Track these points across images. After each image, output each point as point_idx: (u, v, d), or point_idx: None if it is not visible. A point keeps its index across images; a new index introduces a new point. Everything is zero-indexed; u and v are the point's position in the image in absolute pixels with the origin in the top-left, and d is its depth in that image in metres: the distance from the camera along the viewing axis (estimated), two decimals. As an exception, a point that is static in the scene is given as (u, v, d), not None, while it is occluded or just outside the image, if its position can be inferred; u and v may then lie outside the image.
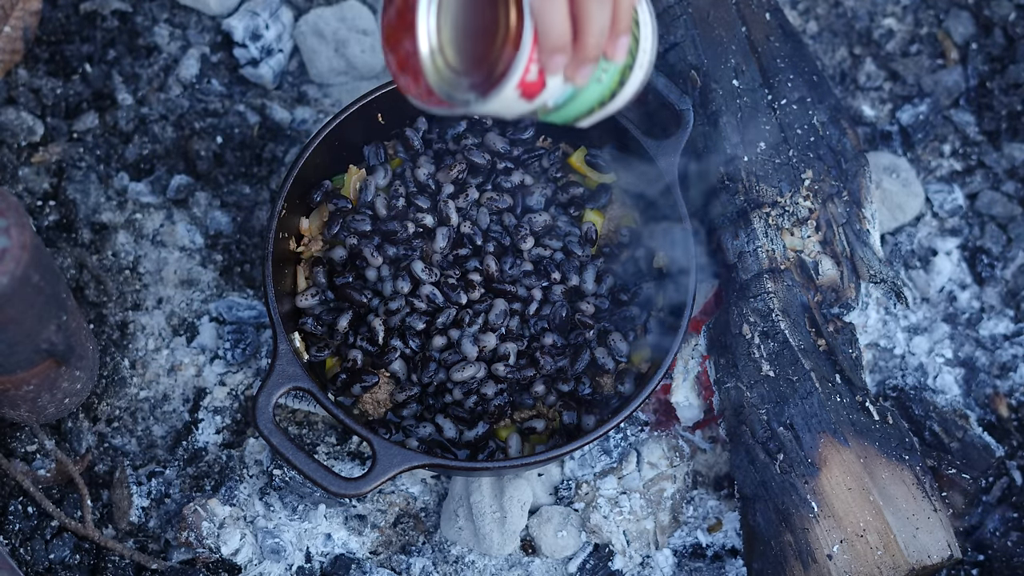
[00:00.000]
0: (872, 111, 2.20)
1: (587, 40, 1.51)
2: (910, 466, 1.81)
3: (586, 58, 1.52)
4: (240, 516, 1.90)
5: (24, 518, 1.90)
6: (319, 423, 1.97)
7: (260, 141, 2.13)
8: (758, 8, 1.95)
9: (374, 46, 2.16)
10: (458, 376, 1.81)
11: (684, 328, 1.80)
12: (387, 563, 1.92)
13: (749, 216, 1.88)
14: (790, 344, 1.84)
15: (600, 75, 1.57)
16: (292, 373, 1.74)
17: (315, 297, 1.87)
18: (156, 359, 2.01)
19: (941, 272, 2.11)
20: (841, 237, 1.90)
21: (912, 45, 2.25)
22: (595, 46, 1.52)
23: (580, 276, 1.87)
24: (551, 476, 1.95)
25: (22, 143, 2.09)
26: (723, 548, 1.95)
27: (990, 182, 2.18)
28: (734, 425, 1.86)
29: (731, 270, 1.90)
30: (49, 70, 2.14)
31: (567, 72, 1.54)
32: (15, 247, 1.49)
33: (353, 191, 1.91)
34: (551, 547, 1.91)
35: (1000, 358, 2.07)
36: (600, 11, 1.50)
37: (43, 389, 1.79)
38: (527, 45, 1.50)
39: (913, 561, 1.75)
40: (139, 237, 2.07)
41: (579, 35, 1.51)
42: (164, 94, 2.15)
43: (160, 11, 2.19)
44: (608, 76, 1.59)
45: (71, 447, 1.95)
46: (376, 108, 1.90)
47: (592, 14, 1.50)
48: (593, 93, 1.59)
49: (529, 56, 1.50)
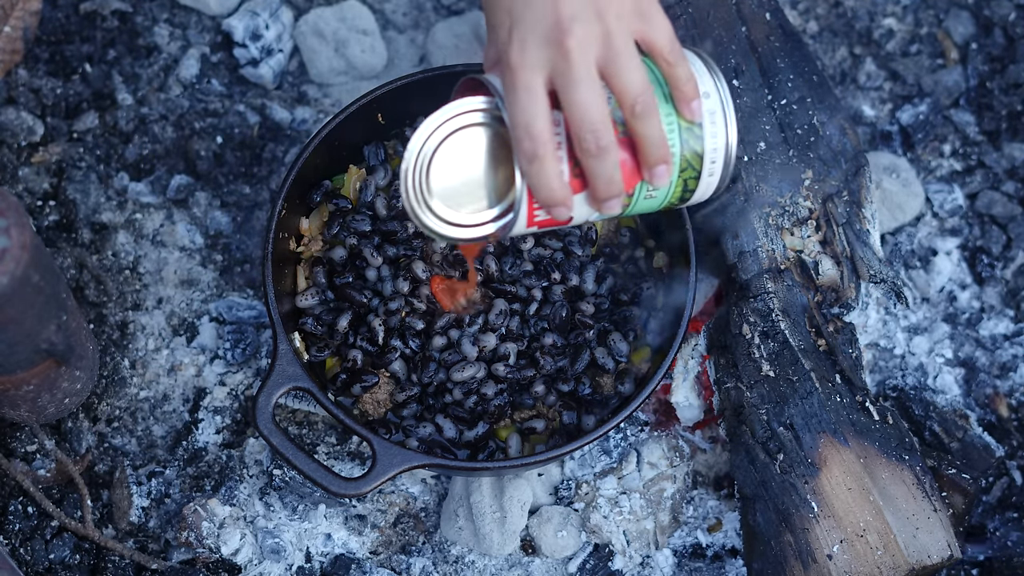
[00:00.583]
0: (872, 111, 2.20)
1: (596, 190, 1.49)
2: (910, 466, 1.81)
3: (603, 201, 1.50)
4: (240, 516, 1.90)
5: (24, 518, 1.90)
6: (319, 423, 1.97)
7: (260, 141, 2.13)
8: (758, 8, 1.95)
9: (374, 46, 2.16)
10: (458, 376, 1.81)
11: (684, 328, 1.80)
12: (387, 563, 1.92)
13: (749, 216, 1.88)
14: (790, 344, 1.84)
15: (649, 192, 1.55)
16: (292, 373, 1.74)
17: (315, 297, 1.87)
18: (156, 359, 2.01)
19: (941, 272, 2.11)
20: (841, 237, 1.90)
21: (912, 45, 2.25)
22: (607, 192, 1.49)
23: (580, 276, 1.87)
24: (551, 476, 1.95)
25: (22, 143, 2.09)
26: (723, 548, 1.95)
27: (990, 182, 2.18)
28: (734, 425, 1.86)
29: (731, 270, 1.90)
30: (49, 70, 2.14)
31: (592, 206, 1.52)
32: (15, 247, 1.49)
33: (353, 191, 1.91)
34: (551, 547, 1.91)
35: (1000, 358, 2.07)
36: (600, 164, 1.47)
37: (43, 389, 1.79)
38: (523, 199, 1.51)
39: (913, 561, 1.75)
40: (139, 237, 2.07)
41: (588, 185, 1.49)
42: (164, 94, 2.15)
43: (160, 11, 2.19)
44: (661, 192, 1.56)
45: (71, 447, 1.95)
46: (376, 108, 1.90)
47: (592, 168, 1.48)
48: (648, 205, 1.58)
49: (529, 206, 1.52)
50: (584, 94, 1.44)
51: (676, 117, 1.53)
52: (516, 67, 1.45)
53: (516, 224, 1.54)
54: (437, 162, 1.55)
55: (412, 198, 1.56)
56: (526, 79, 1.44)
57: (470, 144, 1.55)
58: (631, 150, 1.51)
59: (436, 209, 1.56)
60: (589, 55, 1.44)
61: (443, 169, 1.55)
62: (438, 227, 1.57)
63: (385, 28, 2.22)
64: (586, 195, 1.52)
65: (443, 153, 1.55)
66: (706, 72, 1.57)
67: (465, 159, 1.55)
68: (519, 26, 1.45)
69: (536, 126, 1.44)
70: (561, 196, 1.48)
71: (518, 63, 1.44)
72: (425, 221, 1.57)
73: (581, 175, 1.51)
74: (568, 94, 1.44)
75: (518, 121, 1.45)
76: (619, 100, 1.47)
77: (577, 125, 1.45)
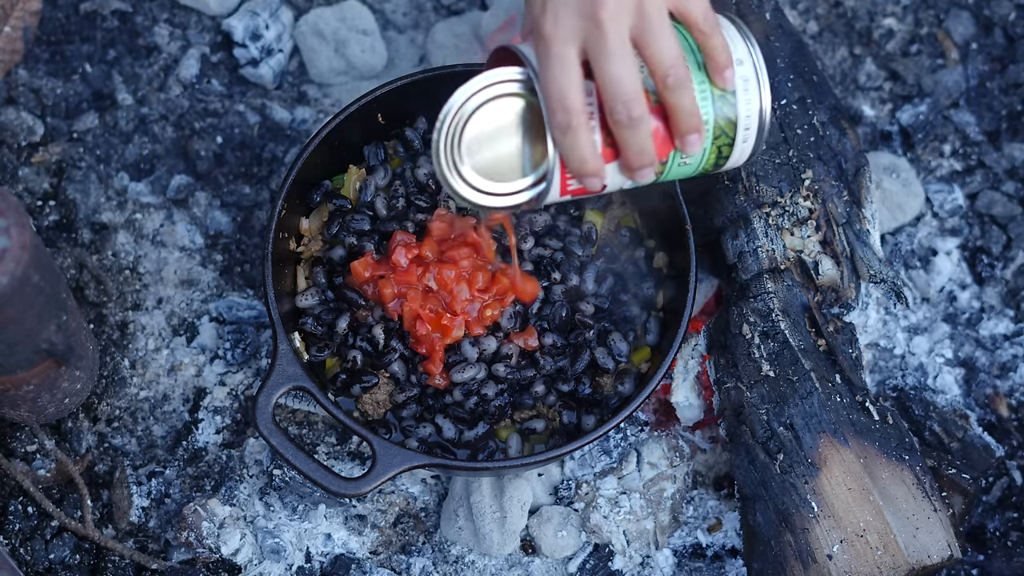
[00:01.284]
0: (872, 111, 2.20)
1: (628, 159, 1.50)
2: (910, 466, 1.81)
3: (635, 170, 1.51)
4: (240, 516, 1.90)
5: (24, 518, 1.90)
6: (319, 423, 1.97)
7: (260, 141, 2.13)
8: (758, 8, 1.95)
9: (374, 46, 2.16)
10: (458, 377, 1.81)
11: (684, 328, 1.80)
12: (387, 563, 1.92)
13: (749, 216, 1.88)
14: (790, 344, 1.84)
15: (682, 160, 1.56)
16: (292, 373, 1.74)
17: (315, 297, 1.87)
18: (156, 359, 2.01)
19: (941, 272, 2.11)
20: (841, 237, 1.90)
21: (912, 45, 2.25)
22: (638, 161, 1.50)
23: (580, 276, 1.87)
24: (551, 476, 1.95)
25: (22, 143, 2.09)
26: (723, 548, 1.95)
27: (990, 182, 2.18)
28: (734, 425, 1.86)
29: (731, 270, 1.90)
30: (49, 70, 2.14)
31: (624, 174, 1.53)
32: (15, 247, 1.49)
33: (353, 191, 1.91)
34: (551, 547, 1.91)
35: (1000, 358, 2.07)
36: (632, 135, 1.47)
37: (43, 389, 1.79)
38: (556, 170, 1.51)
39: (913, 561, 1.75)
40: (139, 237, 2.07)
41: (621, 154, 1.50)
42: (164, 94, 2.15)
43: (160, 11, 2.19)
44: (695, 159, 1.57)
45: (71, 447, 1.95)
46: (376, 108, 1.90)
47: (625, 138, 1.48)
48: (682, 172, 1.59)
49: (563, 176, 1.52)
50: (617, 65, 1.44)
51: (709, 85, 1.54)
52: (549, 38, 1.45)
53: (549, 193, 1.55)
54: (470, 130, 1.55)
55: (444, 164, 1.56)
56: (559, 50, 1.45)
57: (503, 114, 1.55)
58: (664, 118, 1.52)
59: (467, 176, 1.56)
60: (623, 25, 1.45)
61: (476, 137, 1.55)
62: (469, 194, 1.57)
63: (385, 28, 2.22)
64: (619, 164, 1.53)
65: (476, 122, 1.55)
66: (739, 38, 1.57)
67: (498, 128, 1.55)
68: None
69: (569, 97, 1.45)
70: (593, 167, 1.49)
71: (551, 34, 1.45)
72: (456, 187, 1.57)
73: (614, 144, 1.51)
74: (601, 65, 1.45)
75: (551, 92, 1.46)
76: (651, 71, 1.48)
77: (610, 96, 1.46)
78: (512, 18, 2.13)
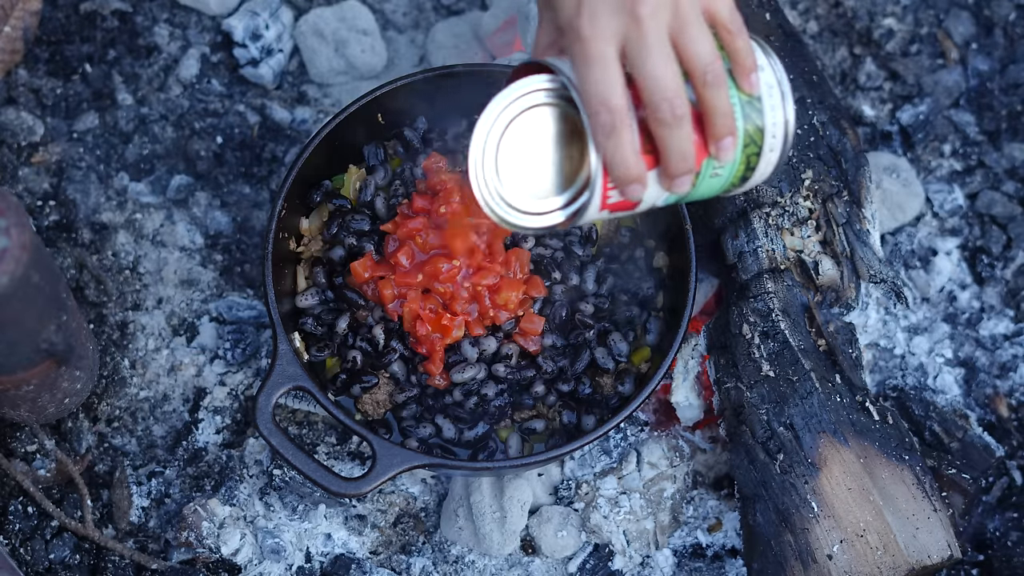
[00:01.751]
0: (872, 111, 2.20)
1: (670, 164, 1.46)
2: (910, 466, 1.81)
3: (676, 176, 1.47)
4: (240, 516, 1.90)
5: (24, 518, 1.90)
6: (319, 423, 1.97)
7: (260, 141, 2.13)
8: (758, 8, 1.95)
9: (374, 46, 2.16)
10: (458, 377, 1.81)
11: (684, 328, 1.80)
12: (387, 563, 1.92)
13: (749, 216, 1.88)
14: (790, 344, 1.84)
15: (716, 171, 1.52)
16: (292, 373, 1.74)
17: (315, 297, 1.87)
18: (156, 359, 2.01)
19: (941, 272, 2.11)
20: (841, 237, 1.90)
21: (912, 45, 2.25)
22: (680, 165, 1.46)
23: (580, 276, 1.87)
24: (551, 476, 1.95)
25: (22, 143, 2.09)
26: (723, 548, 1.95)
27: (990, 182, 2.18)
28: (734, 425, 1.86)
29: (731, 270, 1.90)
30: (49, 70, 2.14)
31: (663, 185, 1.49)
32: (15, 247, 1.49)
33: (353, 191, 1.91)
34: (551, 547, 1.91)
35: (1000, 358, 2.07)
36: (676, 134, 1.44)
37: (43, 389, 1.79)
38: (598, 179, 1.46)
39: (913, 561, 1.75)
40: (139, 237, 2.07)
41: (662, 157, 1.46)
42: (164, 94, 2.15)
43: (160, 11, 2.19)
44: (728, 169, 1.53)
45: (71, 447, 1.95)
46: (376, 108, 1.90)
47: (667, 139, 1.44)
48: (712, 186, 1.54)
49: (604, 186, 1.47)
50: (660, 62, 1.41)
51: (736, 91, 1.50)
52: (588, 38, 1.41)
53: (590, 207, 1.49)
54: (504, 150, 1.50)
55: (484, 192, 1.51)
56: (600, 49, 1.41)
57: (536, 126, 1.50)
58: (697, 125, 1.48)
59: (509, 199, 1.52)
60: (662, 22, 1.41)
61: (511, 157, 1.50)
62: (514, 218, 1.52)
63: (385, 28, 2.22)
64: (657, 173, 1.48)
65: (509, 140, 1.50)
66: (758, 48, 1.55)
67: (532, 144, 1.51)
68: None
69: (614, 96, 1.41)
70: (638, 171, 1.45)
71: (590, 34, 1.41)
72: (502, 215, 1.52)
73: (652, 151, 1.47)
74: (643, 62, 1.41)
75: (594, 93, 1.42)
76: (689, 69, 1.44)
77: (653, 94, 1.42)
78: (512, 18, 2.13)
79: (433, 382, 1.81)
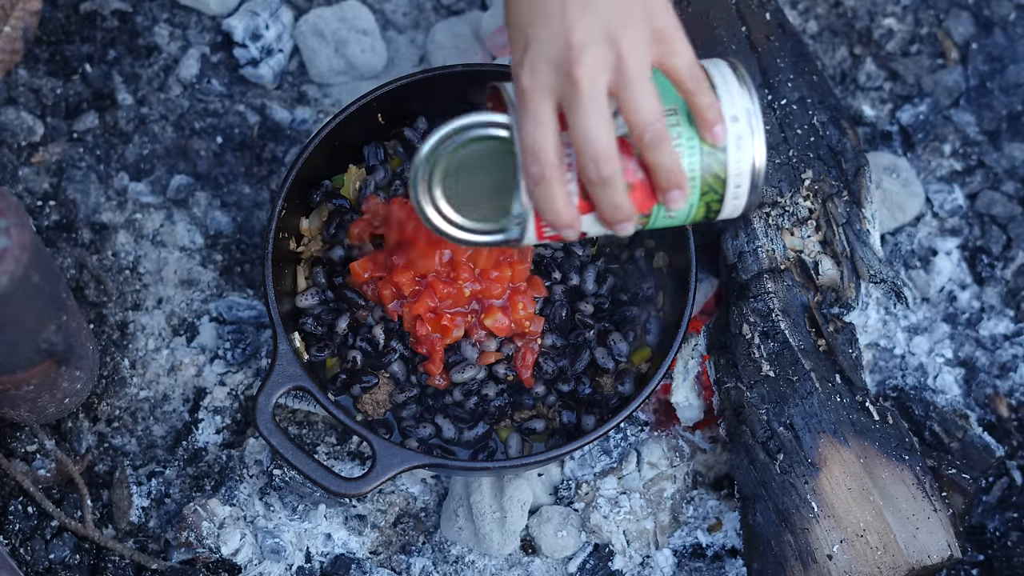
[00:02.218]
0: (872, 111, 2.20)
1: (604, 214, 1.48)
2: (910, 466, 1.81)
3: (615, 223, 1.49)
4: (240, 516, 1.90)
5: (24, 518, 1.90)
6: (319, 423, 1.97)
7: (260, 141, 2.13)
8: (758, 8, 1.95)
9: (374, 46, 2.16)
10: (458, 377, 1.81)
11: (684, 328, 1.80)
12: (387, 563, 1.92)
13: (749, 216, 1.88)
14: (790, 344, 1.84)
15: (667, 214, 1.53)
16: (292, 373, 1.74)
17: (315, 297, 1.87)
18: (156, 359, 2.01)
19: (941, 272, 2.11)
20: (841, 237, 1.90)
21: (912, 45, 2.25)
22: (615, 216, 1.48)
23: (580, 276, 1.87)
24: (551, 476, 1.95)
25: (22, 143, 2.09)
26: (723, 548, 1.95)
27: (990, 182, 2.18)
28: (734, 425, 1.86)
29: (731, 270, 1.90)
30: (49, 70, 2.14)
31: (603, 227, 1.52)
32: (15, 247, 1.49)
33: (353, 191, 1.91)
34: (551, 547, 1.91)
35: (1000, 358, 2.07)
36: (605, 192, 1.46)
37: (43, 389, 1.79)
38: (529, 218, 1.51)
39: (913, 561, 1.75)
40: (139, 237, 2.07)
41: (596, 208, 1.48)
42: (164, 94, 2.15)
43: (160, 11, 2.19)
44: (680, 213, 1.54)
45: (71, 447, 1.95)
46: (376, 108, 1.90)
47: (597, 195, 1.47)
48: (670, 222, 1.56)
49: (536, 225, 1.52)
50: (589, 124, 1.42)
51: (698, 140, 1.51)
52: (526, 90, 1.44)
53: (524, 239, 1.55)
54: (449, 166, 1.56)
55: (420, 191, 1.57)
56: (535, 104, 1.44)
57: (488, 154, 1.56)
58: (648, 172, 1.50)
59: (442, 209, 1.58)
60: (599, 83, 1.42)
61: (455, 174, 1.56)
62: (442, 226, 1.58)
63: (385, 28, 2.22)
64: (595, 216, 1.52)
65: (457, 159, 1.56)
66: (737, 88, 1.53)
67: (478, 169, 1.56)
68: (531, 48, 1.44)
69: (543, 151, 1.44)
70: (567, 219, 1.47)
71: (528, 87, 1.44)
72: (430, 217, 1.58)
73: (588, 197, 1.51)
74: (574, 122, 1.43)
75: (526, 144, 1.45)
76: (630, 128, 1.46)
77: (582, 154, 1.44)
78: None
79: (433, 382, 1.81)
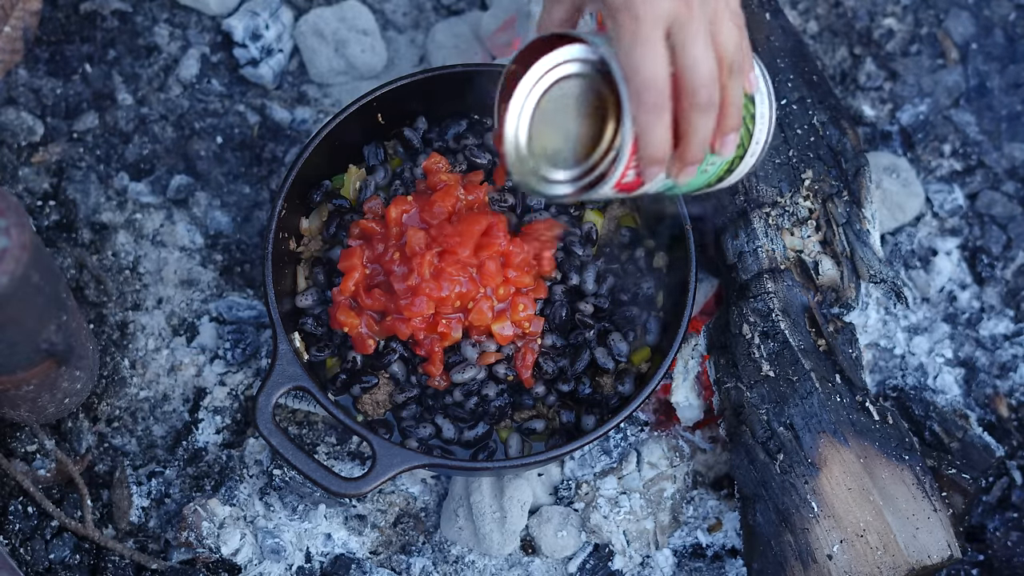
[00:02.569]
0: (872, 111, 2.20)
1: (689, 149, 1.49)
2: (910, 466, 1.81)
3: (689, 163, 1.50)
4: (240, 516, 1.90)
5: (24, 518, 1.90)
6: (319, 423, 1.97)
7: (260, 141, 2.13)
8: (758, 8, 1.95)
9: (374, 46, 2.16)
10: (458, 378, 1.81)
11: (684, 328, 1.80)
12: (387, 563, 1.92)
13: (749, 216, 1.88)
14: (790, 344, 1.84)
15: (706, 167, 1.55)
16: (292, 373, 1.74)
17: (315, 297, 1.87)
18: (156, 359, 2.01)
19: (941, 272, 2.11)
20: (841, 237, 1.90)
21: (912, 45, 2.25)
22: (698, 153, 1.49)
23: (580, 276, 1.87)
24: (551, 476, 1.95)
25: (22, 143, 2.09)
26: (723, 548, 1.95)
27: (990, 182, 2.18)
28: (734, 425, 1.86)
29: (731, 270, 1.90)
30: (49, 70, 2.14)
31: (670, 173, 1.52)
32: (15, 247, 1.49)
33: (353, 191, 1.91)
34: (551, 547, 1.91)
35: (1000, 358, 2.07)
36: (706, 121, 1.47)
37: (43, 389, 1.79)
38: (625, 155, 1.48)
39: (913, 561, 1.75)
40: (139, 237, 2.07)
41: (682, 142, 1.49)
42: (164, 94, 2.15)
43: (160, 11, 2.19)
44: (715, 168, 1.57)
45: (71, 447, 1.95)
46: (376, 108, 1.90)
47: (697, 124, 1.48)
48: (697, 181, 1.58)
49: (627, 163, 1.49)
50: (703, 48, 1.45)
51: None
52: (643, 18, 1.43)
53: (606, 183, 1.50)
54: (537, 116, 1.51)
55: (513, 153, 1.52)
56: (649, 31, 1.43)
57: (565, 98, 1.52)
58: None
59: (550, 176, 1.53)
60: (707, 11, 1.45)
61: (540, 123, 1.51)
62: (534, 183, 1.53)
63: (385, 28, 2.22)
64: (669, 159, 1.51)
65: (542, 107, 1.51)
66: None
67: (559, 114, 1.52)
68: None
69: (660, 78, 1.44)
70: (665, 151, 1.48)
71: (645, 14, 1.43)
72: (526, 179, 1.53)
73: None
74: (688, 47, 1.44)
75: (643, 72, 1.44)
76: (718, 58, 1.47)
77: (693, 79, 1.45)
78: (512, 18, 2.13)
79: (433, 383, 1.81)
